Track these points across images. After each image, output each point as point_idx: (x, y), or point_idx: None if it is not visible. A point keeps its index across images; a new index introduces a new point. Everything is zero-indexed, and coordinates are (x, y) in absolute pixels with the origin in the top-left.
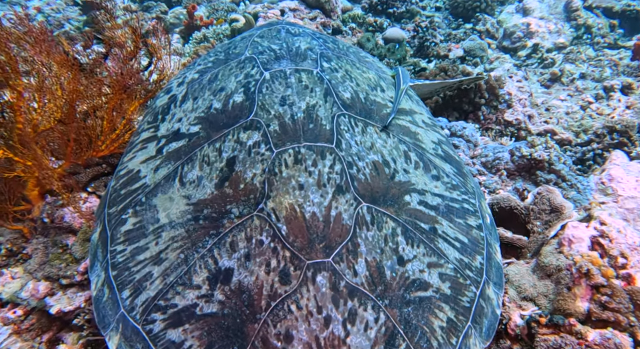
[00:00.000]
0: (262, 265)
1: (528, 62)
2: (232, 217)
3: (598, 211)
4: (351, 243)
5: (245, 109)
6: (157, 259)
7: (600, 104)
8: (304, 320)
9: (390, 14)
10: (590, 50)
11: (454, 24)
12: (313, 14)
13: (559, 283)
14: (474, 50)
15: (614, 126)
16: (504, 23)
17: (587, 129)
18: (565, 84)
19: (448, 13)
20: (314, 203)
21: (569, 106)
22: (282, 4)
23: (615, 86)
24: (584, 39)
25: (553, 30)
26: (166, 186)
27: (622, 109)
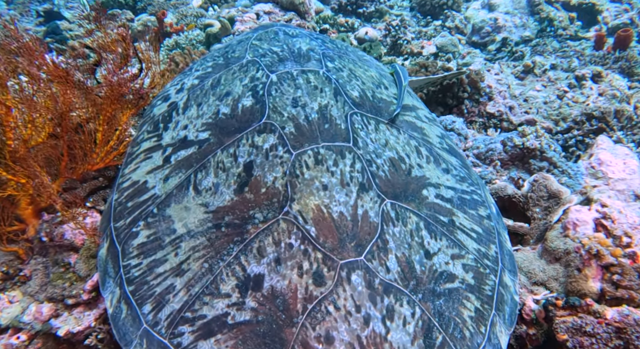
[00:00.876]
0: (294, 268)
1: (499, 55)
2: (256, 223)
3: (597, 194)
4: (380, 240)
5: (256, 112)
6: (179, 270)
7: (575, 93)
8: (344, 320)
9: (360, 14)
10: (555, 42)
11: (422, 21)
12: (288, 16)
13: (568, 266)
14: (446, 47)
15: (591, 113)
16: (472, 19)
17: (566, 117)
18: (538, 75)
19: (416, 11)
20: (340, 203)
21: (546, 96)
22: (256, 7)
23: (586, 75)
24: (547, 31)
25: (519, 24)
26: (179, 195)
27: (595, 97)
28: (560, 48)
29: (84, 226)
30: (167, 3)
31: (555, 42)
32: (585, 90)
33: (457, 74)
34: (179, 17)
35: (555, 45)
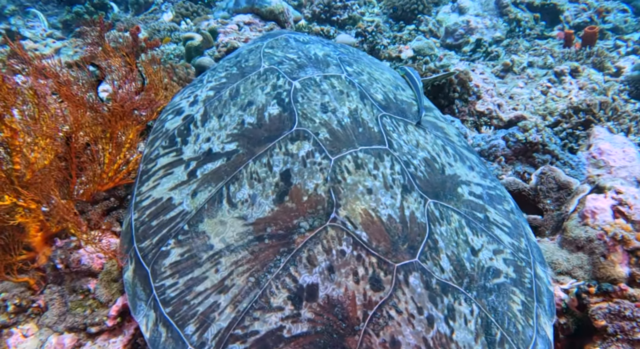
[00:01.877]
0: (349, 275)
1: (474, 56)
2: (302, 232)
3: (609, 182)
4: (430, 240)
5: (285, 120)
6: (222, 287)
7: (557, 88)
8: (407, 323)
9: (334, 22)
10: (525, 41)
11: (395, 26)
12: (268, 26)
13: (592, 253)
14: (423, 50)
15: (578, 106)
16: (444, 22)
17: (553, 112)
18: (518, 73)
19: (387, 17)
20: (387, 205)
21: (530, 92)
22: (236, 19)
23: (565, 70)
24: (516, 32)
25: (489, 25)
26: (212, 209)
27: (576, 91)
28: (531, 47)
29: (108, 249)
30: (136, 19)
31: (525, 42)
32: (566, 85)
33: (447, 75)
34: (151, 32)
35: (526, 44)
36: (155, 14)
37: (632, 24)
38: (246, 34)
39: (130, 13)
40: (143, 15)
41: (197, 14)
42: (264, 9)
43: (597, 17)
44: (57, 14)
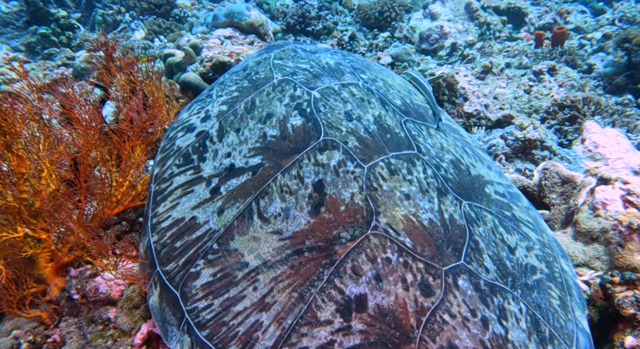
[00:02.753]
0: (398, 282)
1: (451, 60)
2: (343, 242)
3: (614, 173)
4: (472, 242)
5: (310, 130)
6: (263, 305)
7: (538, 87)
8: (463, 327)
9: (309, 32)
10: (497, 43)
11: (369, 34)
12: (249, 38)
13: (609, 244)
14: (401, 56)
15: (562, 102)
16: (417, 28)
17: (538, 109)
18: (497, 74)
19: (360, 25)
20: (427, 210)
21: (513, 92)
22: (216, 33)
23: (543, 70)
24: (487, 35)
25: (462, 29)
26: (243, 226)
27: (557, 88)
28: (503, 48)
29: (129, 275)
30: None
31: (497, 44)
32: (546, 83)
33: (435, 79)
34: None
35: (498, 46)
36: (125, 32)
37: (592, 23)
38: (229, 48)
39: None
40: (112, 34)
41: (170, 31)
42: (243, 23)
43: (560, 18)
44: (18, 37)
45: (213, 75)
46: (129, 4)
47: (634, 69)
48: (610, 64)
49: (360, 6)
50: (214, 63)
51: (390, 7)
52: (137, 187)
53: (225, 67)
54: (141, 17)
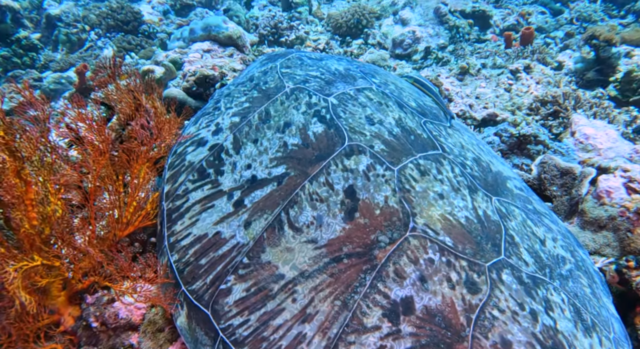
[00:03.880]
0: (443, 282)
1: (426, 63)
2: (382, 246)
3: (614, 162)
4: (508, 236)
5: (333, 136)
6: (304, 316)
7: (517, 85)
8: (514, 321)
9: (282, 43)
10: (468, 45)
11: (343, 42)
12: (228, 51)
13: (617, 230)
14: (377, 62)
15: (543, 98)
16: (389, 34)
17: (520, 106)
18: (475, 75)
19: (332, 34)
20: (462, 208)
21: (494, 91)
22: (194, 47)
23: (519, 68)
24: (457, 38)
25: (433, 34)
26: (273, 237)
27: (535, 86)
28: (475, 50)
29: (153, 297)
30: (73, 57)
31: (468, 46)
32: (523, 81)
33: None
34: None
35: (469, 48)
36: (92, 50)
37: (552, 23)
38: (210, 61)
39: (63, 52)
40: (78, 53)
41: (142, 47)
42: (221, 35)
43: (522, 19)
44: None
45: (197, 89)
46: (93, 22)
47: (602, 63)
48: (580, 61)
49: (330, 15)
50: (198, 77)
51: (361, 15)
52: (146, 207)
53: (209, 80)
54: (108, 34)
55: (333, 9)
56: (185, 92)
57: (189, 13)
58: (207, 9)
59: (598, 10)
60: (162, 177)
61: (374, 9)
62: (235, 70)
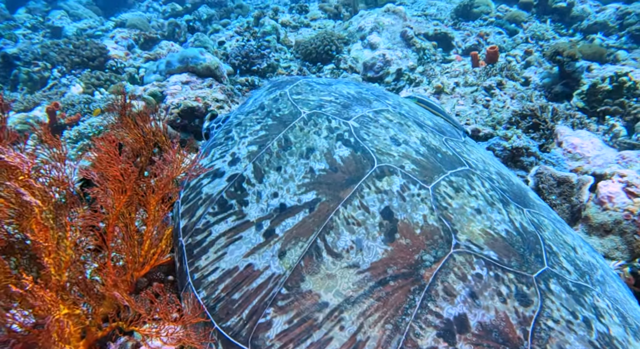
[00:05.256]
0: (494, 296)
1: (399, 85)
2: (428, 265)
3: (609, 169)
4: (546, 246)
5: (361, 159)
6: (355, 343)
7: (493, 101)
8: (570, 330)
9: (254, 72)
10: (436, 66)
11: (314, 68)
12: (207, 82)
13: (624, 234)
14: None
15: (522, 112)
16: (360, 58)
17: (500, 121)
18: (450, 94)
19: (301, 61)
20: (500, 221)
21: (472, 107)
22: (172, 79)
23: (492, 85)
24: (425, 59)
25: (402, 56)
26: (312, 265)
27: (510, 101)
28: (443, 70)
29: (189, 338)
30: (36, 96)
31: (437, 67)
32: (498, 97)
33: None
34: (65, 106)
35: (438, 68)
36: (57, 88)
37: (510, 43)
38: (191, 92)
39: (24, 91)
40: (42, 91)
41: (111, 82)
42: (199, 67)
43: (482, 39)
44: None
45: (181, 121)
46: (54, 59)
47: (567, 77)
48: (546, 76)
49: (298, 42)
50: (182, 109)
51: (330, 41)
52: (160, 244)
53: (194, 112)
54: (73, 71)
55: (300, 37)
56: (170, 125)
57: (153, 47)
58: (171, 41)
59: (549, 29)
60: (175, 212)
61: (342, 34)
62: (218, 101)
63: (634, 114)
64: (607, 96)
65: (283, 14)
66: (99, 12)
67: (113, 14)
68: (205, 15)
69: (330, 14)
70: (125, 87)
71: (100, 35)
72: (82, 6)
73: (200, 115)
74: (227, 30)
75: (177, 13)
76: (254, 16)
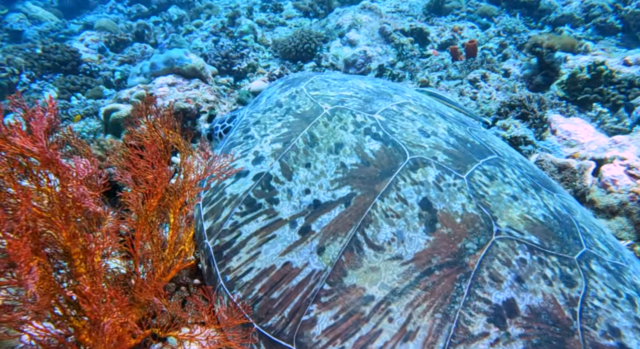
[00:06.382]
0: (540, 280)
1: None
2: (471, 252)
3: (609, 153)
4: (581, 228)
5: (393, 152)
6: (405, 334)
7: (479, 93)
8: (616, 308)
9: (234, 72)
10: (416, 61)
11: (294, 66)
12: (193, 83)
13: (630, 215)
14: None
15: (510, 103)
16: (340, 56)
17: (489, 113)
18: (435, 88)
19: (280, 60)
20: (536, 206)
21: (460, 100)
22: (158, 81)
23: (477, 78)
24: (404, 54)
25: (382, 52)
26: (353, 259)
27: (495, 93)
28: (424, 65)
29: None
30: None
31: (417, 62)
32: (484, 89)
33: None
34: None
35: (418, 63)
36: (27, 94)
37: (483, 36)
38: (180, 94)
39: None
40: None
41: (88, 87)
42: (185, 68)
43: (457, 34)
44: None
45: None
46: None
47: (547, 68)
48: (527, 67)
49: (276, 41)
50: (174, 111)
51: (309, 39)
52: (183, 248)
53: (186, 114)
54: (44, 76)
55: (276, 36)
56: None
57: (124, 49)
58: (144, 43)
59: (520, 23)
60: (197, 214)
61: (320, 32)
62: (209, 101)
63: (612, 101)
64: (586, 84)
65: (257, 14)
66: (60, 15)
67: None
68: (175, 16)
69: (305, 12)
70: (102, 91)
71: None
72: (42, 9)
73: (193, 116)
74: (201, 31)
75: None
76: (229, 16)
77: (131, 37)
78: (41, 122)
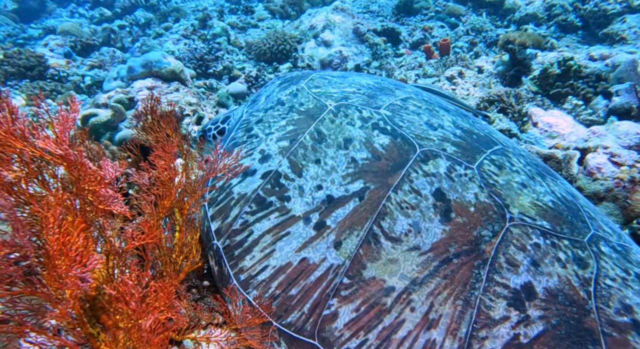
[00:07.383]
0: (554, 263)
1: None
2: (487, 239)
3: (592, 142)
4: (586, 213)
5: (403, 145)
6: (428, 322)
7: (457, 89)
8: (627, 286)
9: (210, 75)
10: (391, 60)
11: (269, 68)
12: (173, 86)
13: (616, 199)
14: None
15: (489, 98)
16: (315, 56)
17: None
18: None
19: (255, 61)
20: (545, 193)
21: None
22: (137, 85)
23: (454, 74)
24: (378, 54)
25: (357, 52)
26: (371, 252)
27: (473, 89)
28: (398, 64)
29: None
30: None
31: (392, 61)
32: (462, 85)
33: None
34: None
35: (393, 62)
36: None
37: (452, 35)
38: (162, 98)
39: None
40: None
41: (58, 92)
42: (164, 71)
43: (427, 33)
44: None
45: None
46: None
47: (519, 64)
48: (500, 64)
49: (250, 43)
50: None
51: (284, 41)
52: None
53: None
54: (9, 82)
55: (249, 38)
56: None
57: (91, 53)
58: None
59: (487, 22)
60: (203, 215)
61: (294, 33)
62: (192, 104)
63: (582, 95)
64: (557, 79)
65: (228, 16)
66: (17, 19)
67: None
68: (143, 19)
69: (277, 13)
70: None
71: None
72: None
73: (177, 119)
74: (171, 34)
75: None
76: (199, 19)
77: (98, 41)
78: (66, 123)
